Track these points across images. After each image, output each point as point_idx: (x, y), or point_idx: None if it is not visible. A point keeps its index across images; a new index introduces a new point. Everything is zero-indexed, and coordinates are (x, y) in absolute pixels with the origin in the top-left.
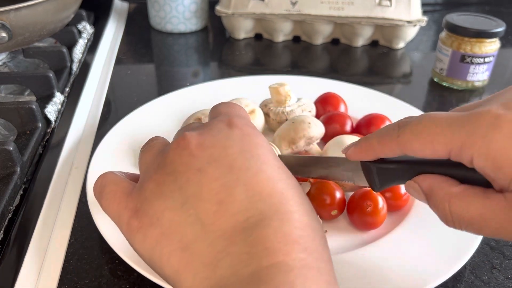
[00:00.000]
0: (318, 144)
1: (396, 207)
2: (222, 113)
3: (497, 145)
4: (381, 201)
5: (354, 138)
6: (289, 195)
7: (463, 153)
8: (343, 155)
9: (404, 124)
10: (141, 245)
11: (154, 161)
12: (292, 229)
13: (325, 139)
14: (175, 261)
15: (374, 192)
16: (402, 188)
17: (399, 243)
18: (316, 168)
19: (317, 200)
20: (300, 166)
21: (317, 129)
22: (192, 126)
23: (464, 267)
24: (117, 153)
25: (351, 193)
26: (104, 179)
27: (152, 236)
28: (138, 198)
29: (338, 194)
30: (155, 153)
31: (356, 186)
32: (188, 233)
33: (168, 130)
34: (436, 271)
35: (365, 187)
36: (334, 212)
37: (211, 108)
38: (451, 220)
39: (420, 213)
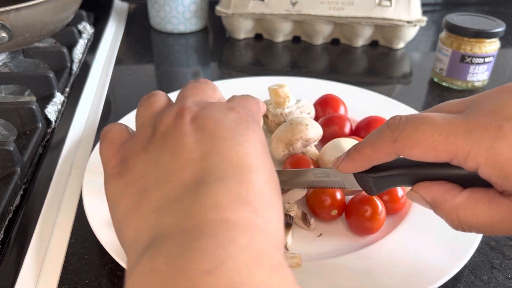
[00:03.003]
0: (316, 146)
1: (394, 210)
2: (234, 100)
3: (504, 156)
4: (380, 206)
5: (352, 141)
6: (257, 170)
7: (468, 161)
8: (331, 167)
9: (397, 128)
10: (111, 188)
11: (151, 119)
12: (247, 193)
13: (324, 141)
14: (130, 203)
15: (373, 197)
16: (400, 191)
17: (398, 245)
18: (305, 181)
19: (317, 200)
20: (289, 179)
21: (315, 131)
22: (196, 99)
23: (464, 267)
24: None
25: (350, 197)
26: (110, 126)
27: (123, 181)
28: (127, 149)
29: (338, 195)
30: (154, 111)
31: (354, 190)
32: (150, 179)
33: None
34: (435, 273)
35: (359, 191)
36: (334, 212)
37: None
38: (461, 227)
39: (418, 215)
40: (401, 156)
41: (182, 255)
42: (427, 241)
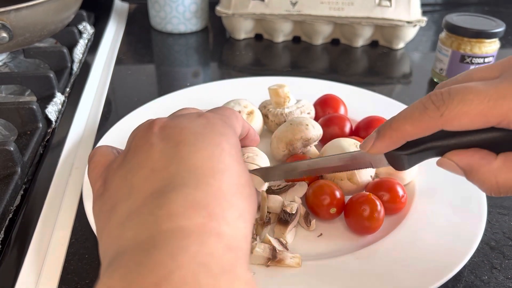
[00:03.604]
0: (316, 146)
1: (394, 210)
2: (208, 110)
3: None
4: (378, 206)
5: (352, 141)
6: (219, 173)
7: None
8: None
9: (443, 102)
10: (94, 207)
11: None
12: (204, 196)
13: (324, 141)
14: (101, 220)
15: (372, 197)
16: (400, 191)
17: (398, 245)
18: (331, 166)
19: (316, 199)
20: (312, 167)
21: (315, 131)
22: (181, 112)
23: (464, 267)
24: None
25: (348, 196)
26: (96, 149)
27: (102, 200)
28: (108, 170)
29: (337, 193)
30: (138, 134)
31: (354, 189)
32: (118, 195)
33: None
34: (435, 272)
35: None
36: (332, 211)
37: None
38: (498, 191)
39: (418, 215)
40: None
41: (134, 269)
42: (427, 241)
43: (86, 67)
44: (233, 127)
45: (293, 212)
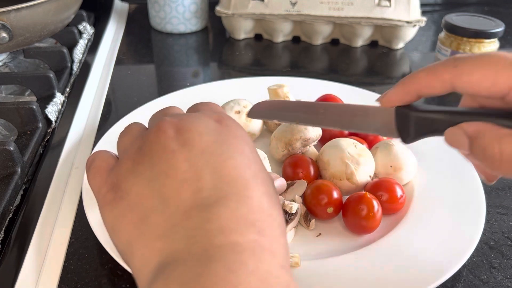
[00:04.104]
0: (315, 146)
1: (393, 210)
2: (201, 110)
3: None
4: (376, 205)
5: (351, 141)
6: (253, 183)
7: None
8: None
9: (462, 57)
10: (109, 216)
11: (134, 143)
12: (249, 212)
13: (323, 141)
14: (132, 231)
15: (369, 196)
16: (399, 191)
17: (397, 245)
18: (336, 117)
19: (314, 198)
20: (321, 112)
21: (314, 131)
22: (171, 111)
23: (463, 266)
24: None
25: (346, 197)
26: (95, 155)
27: (119, 208)
28: (116, 175)
29: (335, 193)
30: (134, 136)
31: (353, 189)
32: (149, 206)
33: None
34: (434, 272)
35: (392, 139)
36: (329, 210)
37: (187, 108)
38: (500, 159)
39: (417, 215)
40: (455, 91)
41: (196, 280)
42: (426, 240)
43: (86, 67)
44: (234, 119)
45: (293, 212)
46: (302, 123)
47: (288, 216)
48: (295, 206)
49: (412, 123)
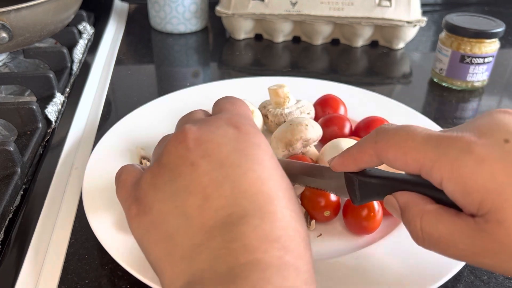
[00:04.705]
0: (316, 146)
1: None
2: (224, 110)
3: (467, 169)
4: (376, 206)
5: (352, 141)
6: (275, 196)
7: (433, 173)
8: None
9: (382, 131)
10: (136, 231)
11: (156, 152)
12: (272, 228)
13: (324, 141)
14: (159, 250)
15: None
16: None
17: (398, 245)
18: (301, 176)
19: (311, 201)
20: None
21: (314, 131)
22: (194, 117)
23: (464, 267)
24: (115, 153)
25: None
26: (122, 169)
27: (144, 223)
28: (138, 188)
29: (332, 196)
30: (162, 143)
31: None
32: (172, 224)
33: (167, 131)
34: (435, 272)
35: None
36: (327, 213)
37: (215, 101)
38: (421, 237)
39: None
40: (382, 164)
41: None
42: None
43: (86, 67)
44: (255, 124)
45: None
46: None
47: None
48: None
49: (357, 187)
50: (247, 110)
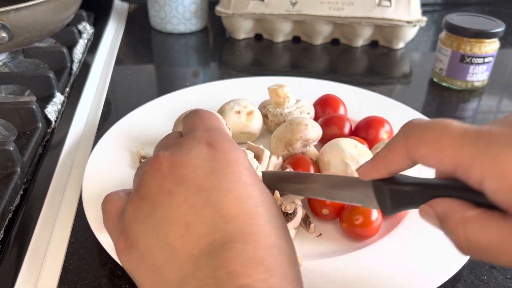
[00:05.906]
0: (316, 146)
1: None
2: (194, 127)
3: (511, 166)
4: (372, 214)
5: (351, 141)
6: (256, 215)
7: (472, 171)
8: (353, 175)
9: (414, 126)
10: (126, 265)
11: (136, 180)
12: (256, 250)
13: (324, 141)
14: (149, 283)
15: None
16: None
17: (398, 245)
18: (323, 188)
19: (311, 199)
20: (304, 185)
21: (314, 131)
22: (168, 141)
23: (464, 266)
24: (115, 154)
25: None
26: (106, 198)
27: (133, 257)
28: (122, 221)
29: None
30: (140, 171)
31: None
32: (159, 257)
33: (167, 131)
34: (435, 272)
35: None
36: (325, 212)
37: (183, 118)
38: (467, 246)
39: (418, 215)
40: (414, 166)
41: None
42: (427, 240)
43: (85, 67)
44: (229, 135)
45: (290, 212)
46: (292, 194)
47: (285, 216)
48: (292, 206)
49: (388, 196)
50: (218, 122)
